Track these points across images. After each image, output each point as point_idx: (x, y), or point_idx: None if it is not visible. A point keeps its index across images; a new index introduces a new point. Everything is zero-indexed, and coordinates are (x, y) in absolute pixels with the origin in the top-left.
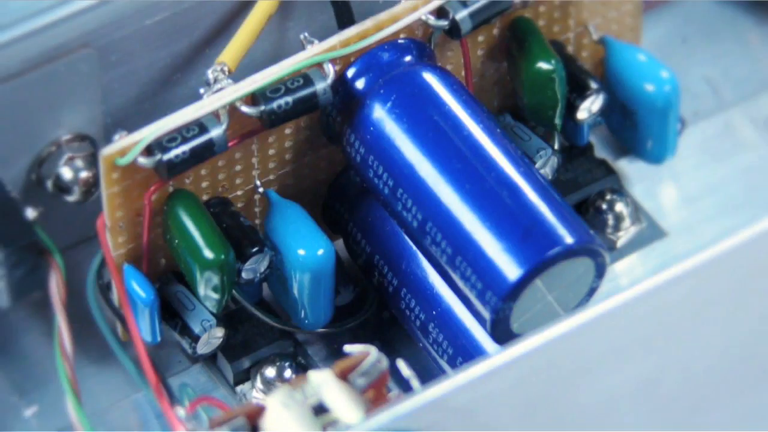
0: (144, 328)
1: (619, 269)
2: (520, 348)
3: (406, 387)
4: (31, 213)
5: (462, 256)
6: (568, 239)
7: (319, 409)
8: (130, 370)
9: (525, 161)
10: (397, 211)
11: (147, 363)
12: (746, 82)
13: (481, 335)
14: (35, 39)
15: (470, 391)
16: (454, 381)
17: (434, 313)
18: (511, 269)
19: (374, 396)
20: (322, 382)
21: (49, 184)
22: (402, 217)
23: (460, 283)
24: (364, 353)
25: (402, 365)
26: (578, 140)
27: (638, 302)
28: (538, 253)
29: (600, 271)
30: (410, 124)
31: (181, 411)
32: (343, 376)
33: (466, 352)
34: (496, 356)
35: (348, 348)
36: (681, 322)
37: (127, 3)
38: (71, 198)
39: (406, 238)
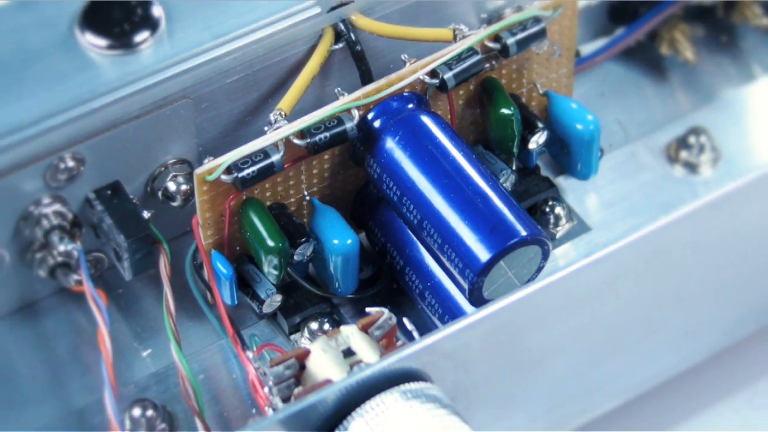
0: (225, 294)
1: (558, 253)
2: (489, 309)
3: (409, 337)
4: (146, 214)
5: (448, 244)
6: (523, 232)
7: (348, 353)
8: (215, 324)
9: (492, 178)
10: (403, 212)
11: (226, 319)
12: (645, 124)
13: (462, 300)
14: (150, 92)
15: (454, 340)
16: (443, 333)
17: (428, 284)
18: (482, 253)
19: (386, 343)
20: (350, 333)
21: (160, 194)
22: (406, 217)
23: (447, 263)
24: (380, 313)
25: (406, 322)
26: (529, 163)
27: (572, 277)
28: (502, 242)
29: (545, 255)
30: (412, 152)
31: (250, 354)
32: (365, 329)
33: (451, 312)
34: (473, 315)
35: (368, 309)
36: (601, 291)
37: (214, 67)
38: (175, 204)
39: (409, 231)
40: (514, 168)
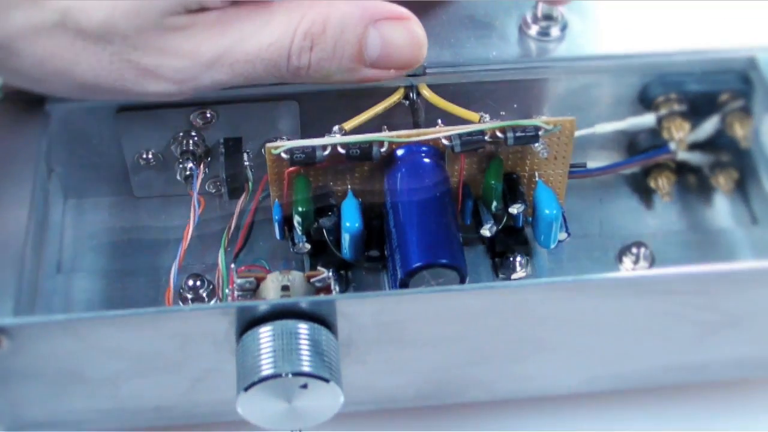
0: (276, 231)
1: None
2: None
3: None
4: (246, 161)
5: (400, 247)
6: (445, 259)
7: (284, 288)
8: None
9: (453, 219)
10: (388, 218)
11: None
12: (616, 230)
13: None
14: (269, 88)
15: (348, 306)
16: (342, 298)
17: (393, 273)
18: (414, 260)
19: (324, 293)
20: (296, 276)
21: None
22: (388, 222)
23: (397, 259)
24: (322, 272)
25: (334, 283)
26: (517, 224)
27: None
28: (429, 258)
29: (462, 281)
30: (406, 183)
31: (243, 267)
32: (308, 279)
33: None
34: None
35: (319, 267)
36: (471, 317)
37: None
38: None
39: (394, 233)
40: (501, 225)
